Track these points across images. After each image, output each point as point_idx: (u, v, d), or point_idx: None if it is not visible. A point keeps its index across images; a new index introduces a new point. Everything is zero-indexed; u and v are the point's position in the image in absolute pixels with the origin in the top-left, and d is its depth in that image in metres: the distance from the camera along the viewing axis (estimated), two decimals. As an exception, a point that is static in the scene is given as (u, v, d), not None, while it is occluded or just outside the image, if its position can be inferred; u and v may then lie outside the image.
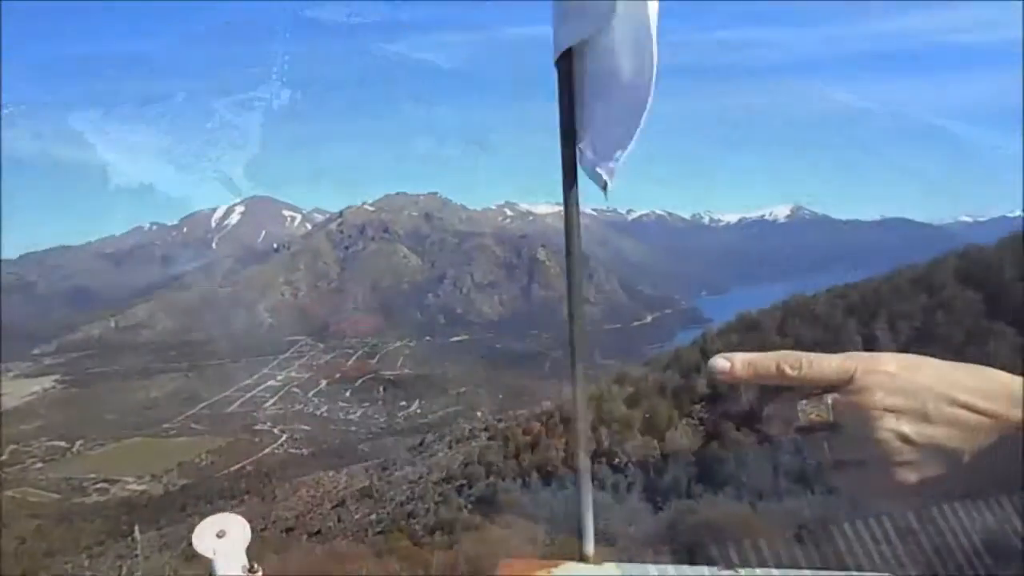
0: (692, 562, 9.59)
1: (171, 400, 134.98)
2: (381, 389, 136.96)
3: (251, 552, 1.55)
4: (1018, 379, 0.62)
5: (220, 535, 1.53)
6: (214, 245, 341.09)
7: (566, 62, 1.75)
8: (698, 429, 31.54)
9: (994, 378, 0.61)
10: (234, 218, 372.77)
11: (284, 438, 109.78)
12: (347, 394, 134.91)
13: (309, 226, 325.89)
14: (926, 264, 34.09)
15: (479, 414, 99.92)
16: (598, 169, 1.81)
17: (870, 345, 28.99)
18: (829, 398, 0.65)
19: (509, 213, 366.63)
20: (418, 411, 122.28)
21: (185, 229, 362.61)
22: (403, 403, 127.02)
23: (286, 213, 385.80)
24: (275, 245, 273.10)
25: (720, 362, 0.77)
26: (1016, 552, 7.58)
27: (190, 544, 1.59)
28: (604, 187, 1.84)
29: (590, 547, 1.71)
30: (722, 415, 29.16)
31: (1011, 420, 0.59)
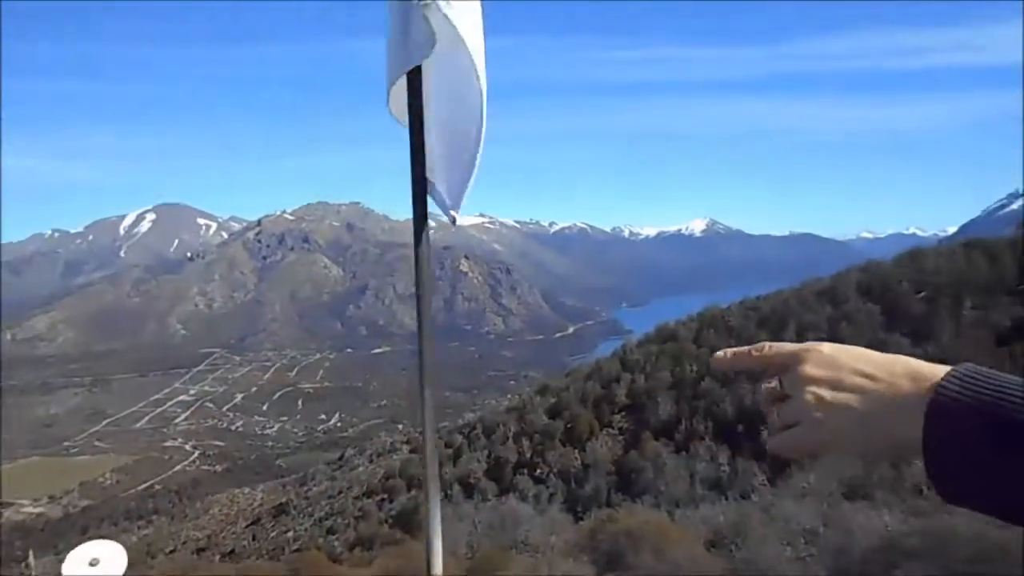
0: (611, 570, 9.72)
1: (73, 416, 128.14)
2: (300, 402, 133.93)
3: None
4: (923, 362, 0.77)
5: (93, 563, 1.46)
6: (122, 253, 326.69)
7: (416, 80, 1.78)
8: (618, 439, 32.12)
9: (902, 360, 0.78)
10: (144, 225, 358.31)
11: (196, 454, 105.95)
12: (264, 408, 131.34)
13: (225, 235, 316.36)
14: (830, 277, 35.85)
15: (400, 427, 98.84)
16: (451, 211, 1.87)
17: (780, 355, 30.12)
18: (786, 373, 0.83)
19: (432, 224, 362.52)
20: (338, 424, 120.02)
21: (91, 236, 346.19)
22: (323, 416, 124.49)
23: (201, 221, 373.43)
24: (189, 254, 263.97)
25: (719, 354, 0.90)
26: (911, 552, 8.04)
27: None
28: (453, 222, 1.90)
29: (438, 566, 1.72)
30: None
31: (900, 389, 0.75)
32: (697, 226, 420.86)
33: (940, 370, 0.74)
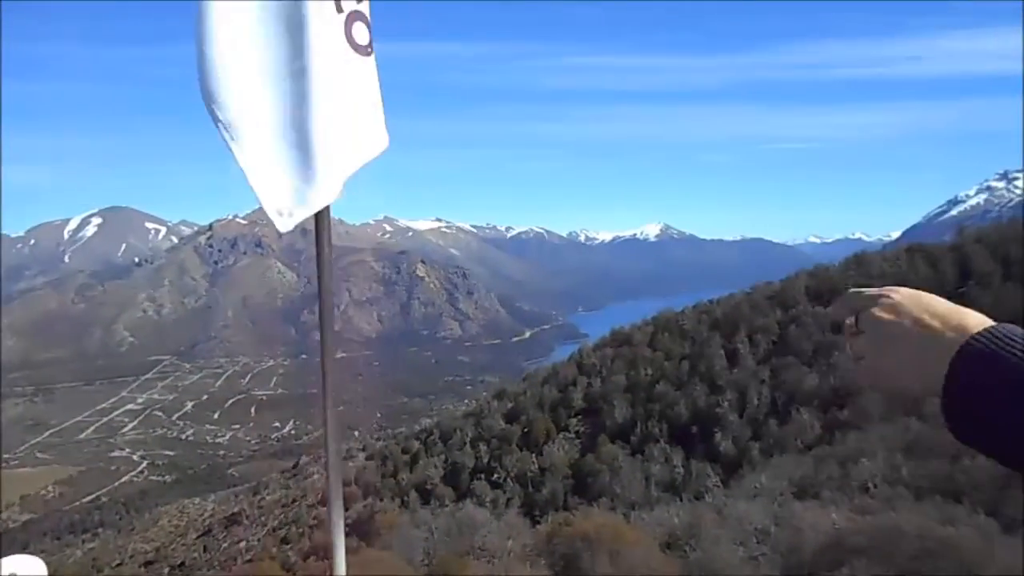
0: (567, 573, 9.74)
1: (13, 427, 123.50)
2: (253, 410, 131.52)
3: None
4: (976, 316, 0.87)
5: None
6: (66, 258, 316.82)
7: None
8: (575, 442, 32.30)
9: (959, 312, 0.88)
10: (90, 230, 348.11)
11: (144, 465, 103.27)
12: (216, 416, 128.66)
13: (175, 239, 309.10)
14: (780, 282, 36.63)
15: (356, 434, 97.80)
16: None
17: (732, 359, 30.72)
18: (861, 313, 0.99)
19: (388, 228, 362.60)
20: (292, 432, 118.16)
21: (33, 241, 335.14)
22: (276, 424, 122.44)
23: (149, 225, 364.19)
24: (136, 259, 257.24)
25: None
26: (858, 549, 8.26)
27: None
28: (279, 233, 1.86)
29: (341, 567, 1.72)
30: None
31: (944, 337, 0.85)
32: (651, 231, 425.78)
33: (984, 324, 0.84)
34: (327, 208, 1.78)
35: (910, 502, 10.07)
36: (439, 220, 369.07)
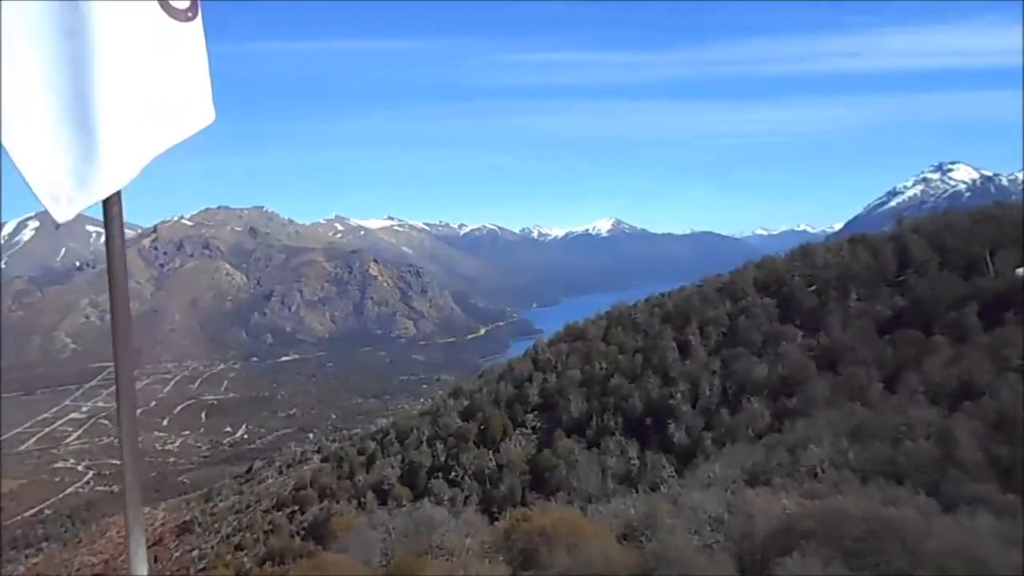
0: (525, 568, 9.78)
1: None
2: (203, 415, 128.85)
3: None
4: None
5: None
6: (2, 264, 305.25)
7: None
8: (531, 438, 32.46)
9: None
10: (27, 234, 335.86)
11: (90, 475, 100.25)
12: (165, 423, 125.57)
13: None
14: (729, 274, 37.40)
15: (311, 436, 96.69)
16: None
17: (684, 351, 31.23)
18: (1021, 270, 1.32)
19: (340, 228, 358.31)
20: (245, 437, 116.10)
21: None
22: (228, 429, 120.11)
23: (90, 228, 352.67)
24: (77, 263, 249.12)
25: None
26: (807, 532, 8.50)
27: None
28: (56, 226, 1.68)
29: (142, 567, 1.69)
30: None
31: None
32: (603, 226, 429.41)
33: None
34: (118, 194, 1.55)
35: (856, 485, 10.39)
36: (391, 219, 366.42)
